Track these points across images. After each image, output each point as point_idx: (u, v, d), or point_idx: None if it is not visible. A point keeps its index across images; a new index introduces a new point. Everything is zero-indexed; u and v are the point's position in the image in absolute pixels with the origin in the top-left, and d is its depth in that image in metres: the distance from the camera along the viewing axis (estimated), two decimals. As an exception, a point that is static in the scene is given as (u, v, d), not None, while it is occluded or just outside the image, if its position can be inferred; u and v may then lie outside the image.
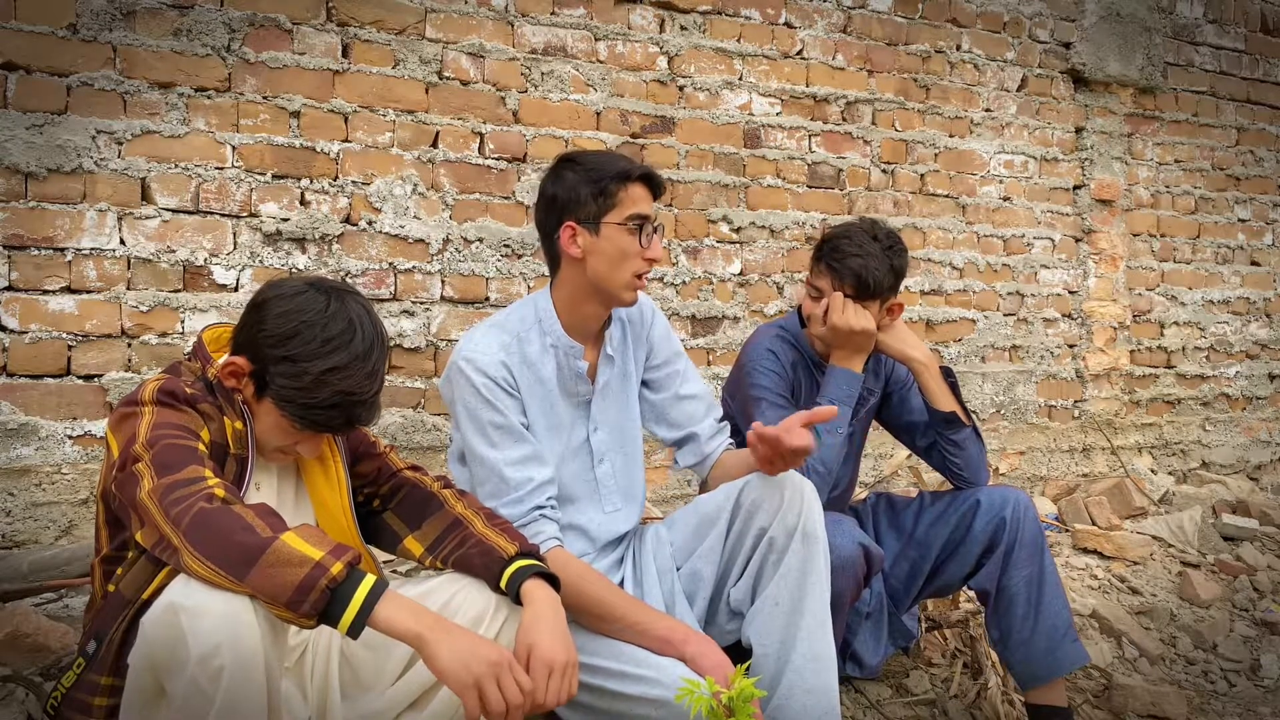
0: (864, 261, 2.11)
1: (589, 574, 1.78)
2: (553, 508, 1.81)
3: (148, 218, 2.73)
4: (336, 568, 1.25)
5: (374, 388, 1.49)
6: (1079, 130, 4.32)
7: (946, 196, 4.01)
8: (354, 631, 1.27)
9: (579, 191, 1.81)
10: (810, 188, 3.72)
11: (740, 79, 3.59)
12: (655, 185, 1.86)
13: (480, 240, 3.15)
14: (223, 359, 1.53)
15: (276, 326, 1.46)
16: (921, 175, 3.95)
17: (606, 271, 1.83)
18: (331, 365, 1.44)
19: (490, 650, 1.32)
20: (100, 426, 2.67)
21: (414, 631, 1.29)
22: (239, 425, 1.52)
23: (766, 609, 1.79)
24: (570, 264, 1.86)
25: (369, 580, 1.29)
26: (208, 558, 1.24)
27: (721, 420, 2.10)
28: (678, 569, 1.95)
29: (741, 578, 1.86)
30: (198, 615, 1.22)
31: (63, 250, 2.65)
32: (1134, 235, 4.46)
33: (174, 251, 2.76)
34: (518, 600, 1.50)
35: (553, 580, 1.54)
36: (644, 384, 2.08)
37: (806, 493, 1.80)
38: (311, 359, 1.44)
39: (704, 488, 2.23)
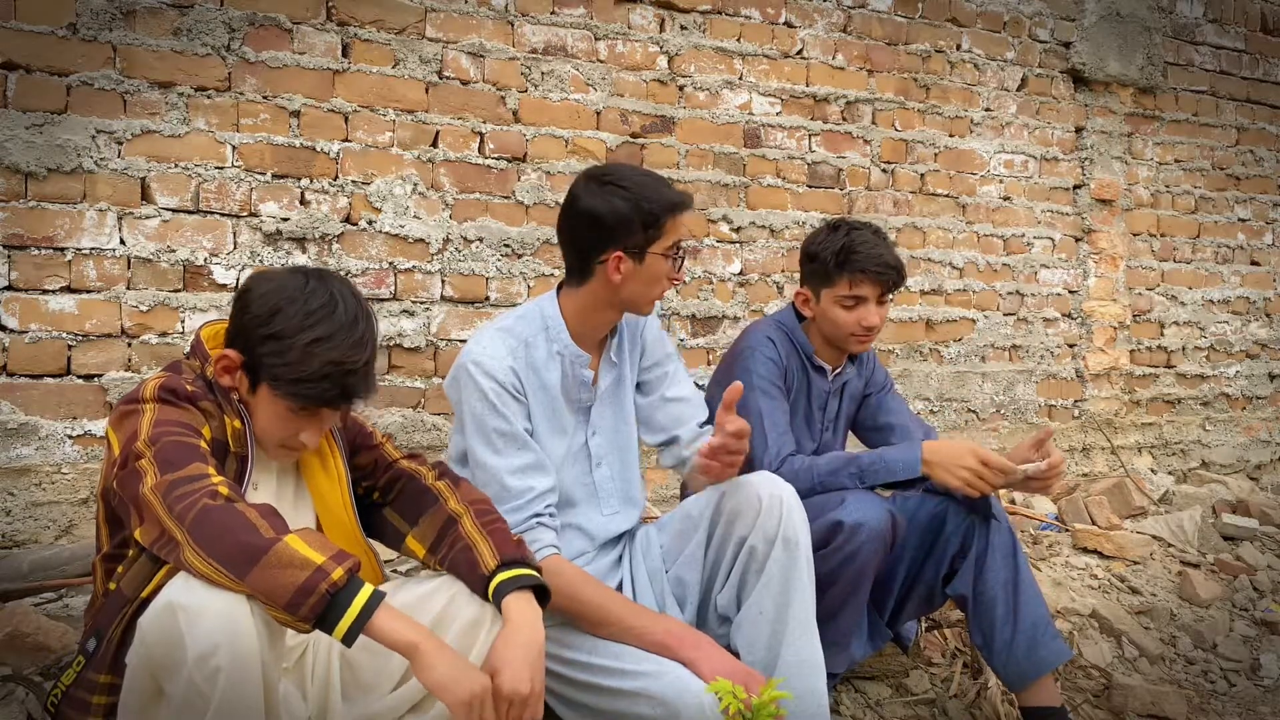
0: (893, 255, 2.23)
1: (585, 580, 1.78)
2: (551, 515, 1.81)
3: (148, 217, 2.73)
4: (337, 573, 1.25)
5: (363, 357, 1.48)
6: (1079, 130, 4.32)
7: (946, 196, 4.01)
8: (349, 639, 1.27)
9: (631, 222, 1.80)
10: (810, 187, 3.72)
11: (740, 78, 3.59)
12: (690, 209, 1.91)
13: (480, 240, 3.15)
14: (218, 356, 1.53)
15: (259, 308, 1.47)
16: (921, 175, 3.95)
17: (641, 293, 1.87)
18: (316, 336, 1.45)
19: (479, 674, 1.34)
20: (100, 426, 2.67)
21: (410, 641, 1.29)
22: (237, 424, 1.52)
23: (751, 618, 1.80)
24: (604, 283, 1.86)
25: (367, 589, 1.29)
26: (210, 555, 1.24)
27: (705, 424, 2.09)
28: (666, 572, 1.96)
29: (725, 586, 1.87)
30: (196, 616, 1.22)
31: (63, 250, 2.65)
32: (1134, 235, 4.46)
33: (174, 251, 2.76)
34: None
35: (541, 588, 1.52)
36: (636, 386, 2.08)
37: (786, 498, 1.81)
38: (296, 333, 1.45)
39: (685, 489, 2.24)
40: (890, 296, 2.27)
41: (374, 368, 1.52)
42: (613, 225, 1.81)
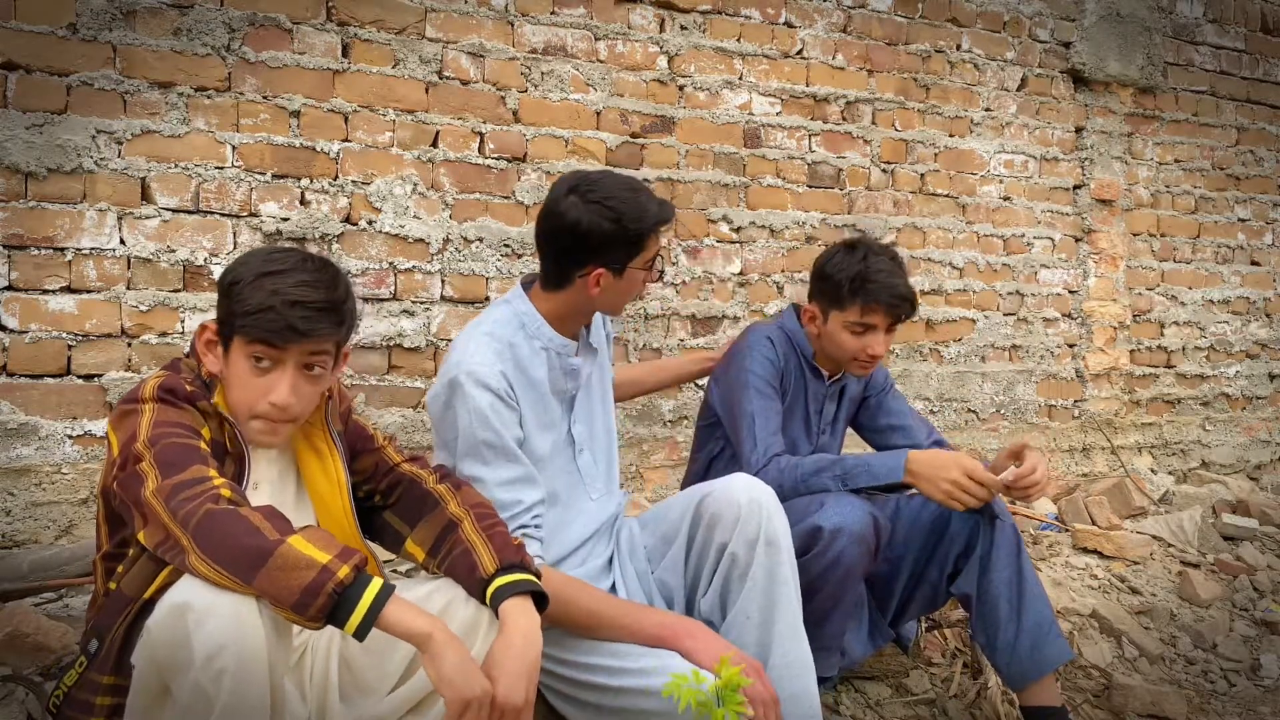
0: (907, 286, 2.20)
1: (571, 587, 1.77)
2: (537, 527, 1.81)
3: (148, 217, 2.73)
4: (343, 571, 1.25)
5: (312, 295, 1.46)
6: (1079, 130, 4.32)
7: (946, 196, 4.01)
8: (360, 634, 1.27)
9: (614, 240, 1.81)
10: (810, 187, 3.72)
11: (740, 79, 3.59)
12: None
13: (480, 240, 3.15)
14: (200, 329, 1.55)
15: (228, 270, 1.51)
16: (921, 175, 3.95)
17: (617, 302, 1.92)
18: (267, 271, 1.46)
19: (484, 677, 1.34)
20: (100, 426, 2.67)
21: (424, 631, 1.30)
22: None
23: (739, 623, 1.81)
24: (580, 293, 1.87)
25: (376, 583, 1.29)
26: (215, 560, 1.24)
27: None
28: (652, 574, 1.97)
29: (709, 592, 1.87)
30: (203, 616, 1.22)
31: (63, 250, 2.65)
32: (1134, 235, 4.46)
33: (174, 251, 2.76)
34: None
35: (540, 595, 1.52)
36: None
37: (765, 502, 1.81)
38: (252, 275, 1.46)
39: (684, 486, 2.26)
40: (899, 326, 2.26)
41: (334, 314, 1.49)
42: (597, 244, 1.81)
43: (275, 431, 1.51)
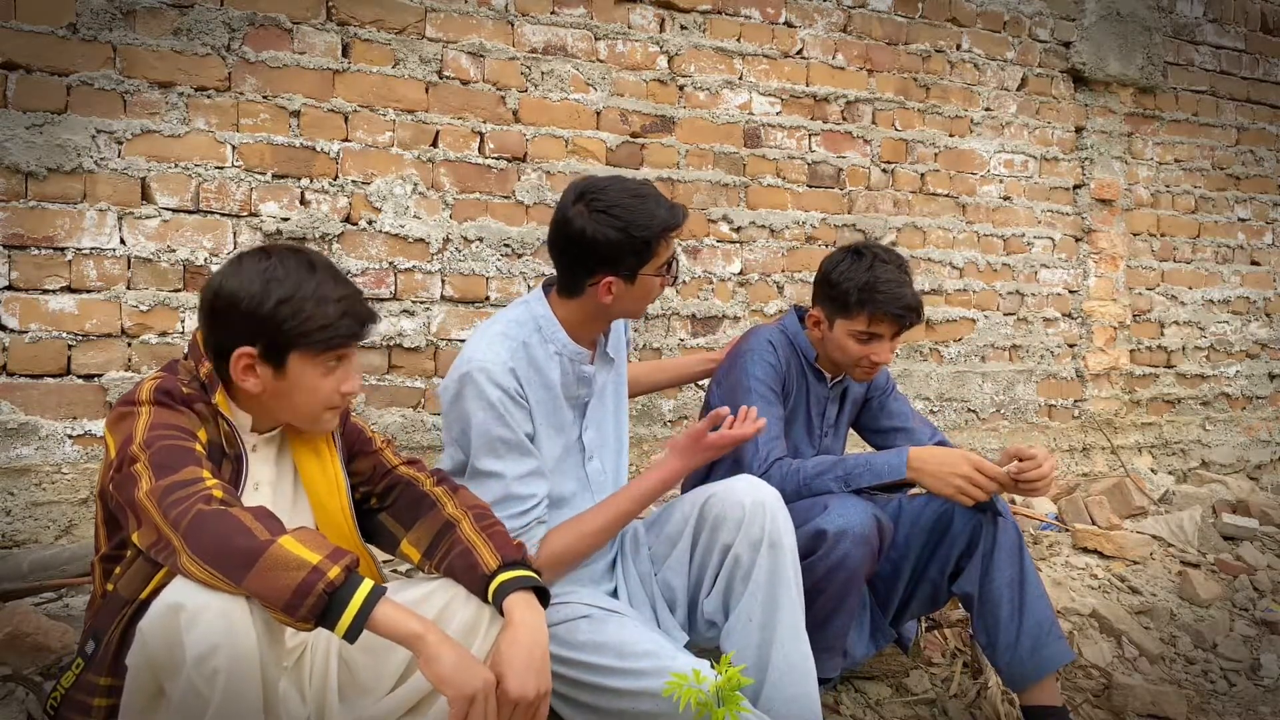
0: (914, 295, 2.19)
1: (567, 533, 1.84)
2: (545, 520, 1.84)
3: (148, 217, 2.73)
4: (334, 572, 1.25)
5: (352, 288, 1.54)
6: (1079, 130, 4.31)
7: (946, 196, 4.01)
8: (351, 635, 1.27)
9: (621, 248, 1.81)
10: (810, 187, 3.72)
11: (740, 78, 3.59)
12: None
13: (480, 240, 3.15)
14: (236, 357, 1.47)
15: (249, 296, 1.45)
16: (921, 175, 3.95)
17: (633, 308, 1.92)
18: (315, 283, 1.48)
19: (483, 669, 1.33)
20: (100, 426, 2.67)
21: (415, 632, 1.30)
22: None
23: (740, 625, 1.82)
24: (594, 301, 1.87)
25: (367, 585, 1.28)
26: (205, 560, 1.24)
27: None
28: (655, 575, 1.97)
29: (712, 592, 1.88)
30: (195, 617, 1.22)
31: (63, 250, 2.65)
32: (1134, 235, 4.45)
33: (174, 251, 2.76)
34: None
35: (542, 590, 1.52)
36: None
37: (769, 503, 1.82)
38: (297, 291, 1.46)
39: (684, 485, 2.30)
40: (904, 333, 2.26)
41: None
42: (605, 253, 1.81)
43: (336, 419, 1.60)
